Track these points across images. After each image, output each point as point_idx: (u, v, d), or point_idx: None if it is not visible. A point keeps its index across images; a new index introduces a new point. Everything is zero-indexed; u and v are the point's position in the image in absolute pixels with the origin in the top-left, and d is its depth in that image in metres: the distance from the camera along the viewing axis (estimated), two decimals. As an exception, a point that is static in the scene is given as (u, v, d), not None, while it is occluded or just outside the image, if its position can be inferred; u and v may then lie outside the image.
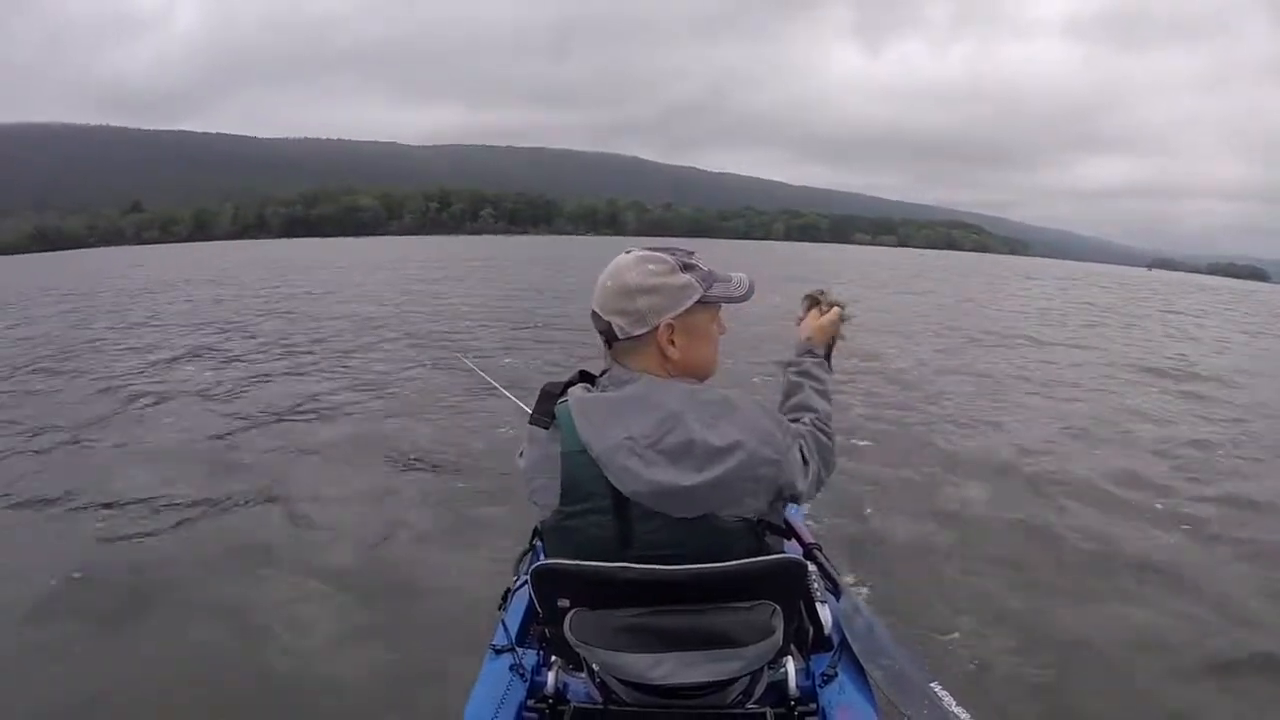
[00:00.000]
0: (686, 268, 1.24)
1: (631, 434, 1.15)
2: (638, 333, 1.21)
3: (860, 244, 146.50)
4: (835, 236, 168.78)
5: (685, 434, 1.14)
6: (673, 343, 1.22)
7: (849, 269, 34.29)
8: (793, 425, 1.31)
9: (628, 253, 1.26)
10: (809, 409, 1.40)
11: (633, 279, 1.21)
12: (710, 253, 1.35)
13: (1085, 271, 54.63)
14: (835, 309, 1.55)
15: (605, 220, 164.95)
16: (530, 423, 1.23)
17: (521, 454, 1.26)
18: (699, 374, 1.27)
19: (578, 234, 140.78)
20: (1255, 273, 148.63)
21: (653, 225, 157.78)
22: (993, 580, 3.08)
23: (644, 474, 1.13)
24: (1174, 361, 9.67)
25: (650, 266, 1.22)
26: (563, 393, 1.23)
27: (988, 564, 3.24)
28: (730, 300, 1.28)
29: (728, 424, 1.16)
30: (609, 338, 1.23)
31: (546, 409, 1.22)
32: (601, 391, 1.23)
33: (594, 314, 1.25)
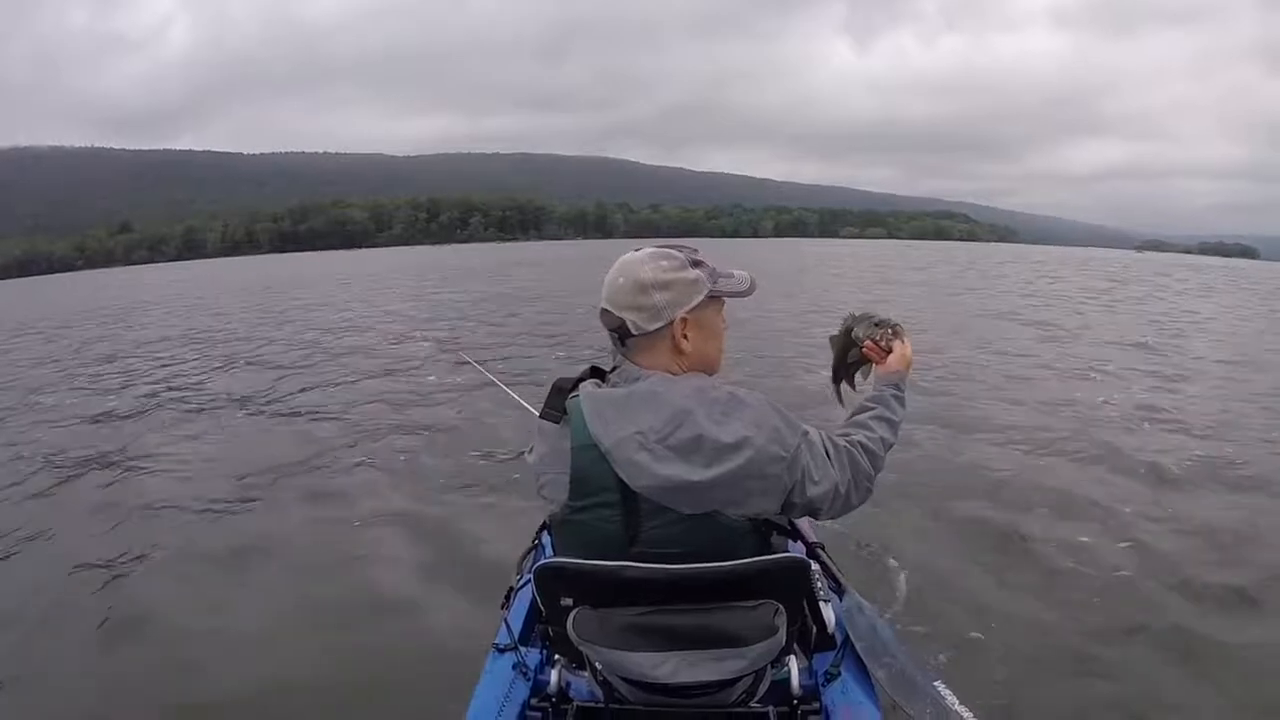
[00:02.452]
0: (695, 264, 1.26)
1: (641, 429, 1.15)
2: (653, 328, 1.22)
3: (849, 238, 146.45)
4: (824, 231, 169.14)
5: (695, 429, 1.14)
6: (686, 337, 1.23)
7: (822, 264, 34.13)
8: (829, 435, 1.30)
9: (636, 251, 1.27)
10: (863, 428, 1.38)
11: (647, 275, 1.22)
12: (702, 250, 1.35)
13: (1059, 257, 53.24)
14: (898, 340, 1.53)
15: (594, 223, 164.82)
16: (541, 417, 1.24)
17: (530, 449, 1.27)
18: (708, 367, 1.29)
19: (567, 238, 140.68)
20: (1244, 250, 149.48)
21: (641, 226, 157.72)
22: (997, 580, 3.01)
23: (653, 469, 1.13)
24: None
25: (663, 263, 1.24)
26: (574, 388, 1.24)
27: (992, 564, 3.16)
28: (735, 294, 1.31)
29: (737, 421, 1.16)
30: (621, 334, 1.24)
31: (558, 404, 1.22)
32: (612, 388, 1.23)
33: (604, 311, 1.25)
